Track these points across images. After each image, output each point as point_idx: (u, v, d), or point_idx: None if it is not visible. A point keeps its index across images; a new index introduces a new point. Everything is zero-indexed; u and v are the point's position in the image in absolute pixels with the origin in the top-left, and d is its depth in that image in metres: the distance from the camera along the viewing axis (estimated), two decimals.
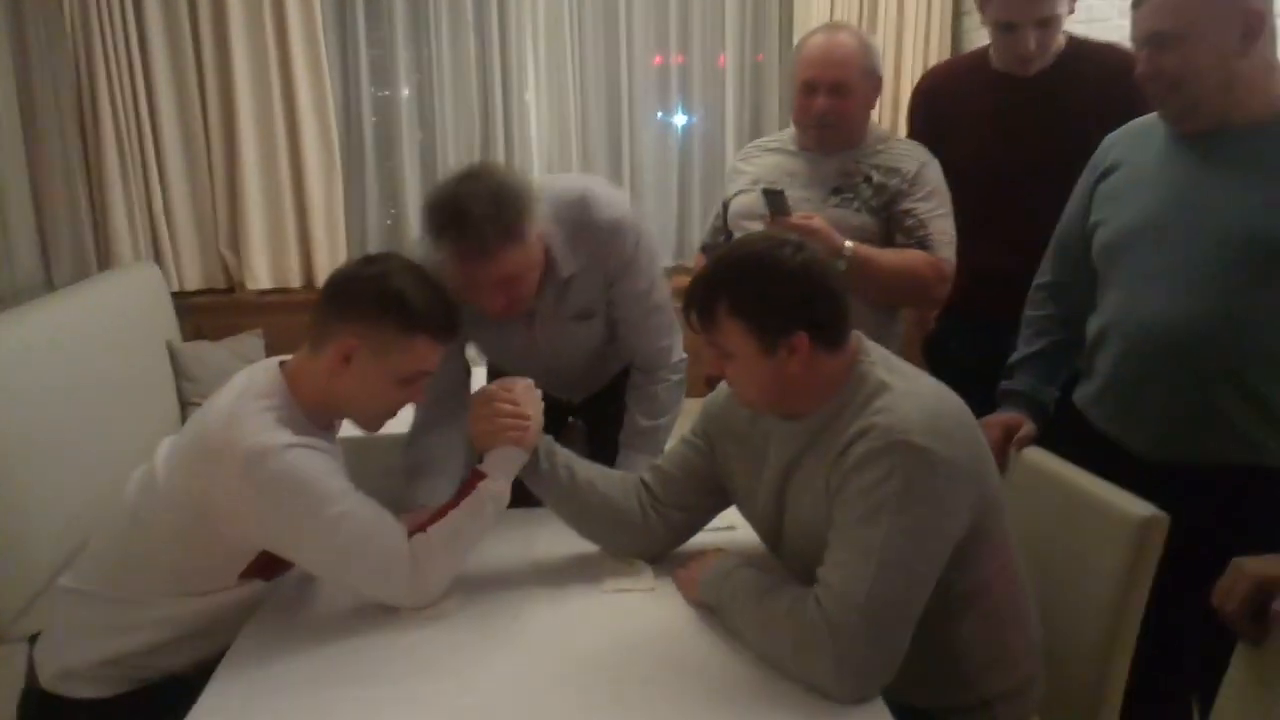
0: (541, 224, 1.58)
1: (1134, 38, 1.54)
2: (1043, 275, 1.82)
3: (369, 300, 1.36)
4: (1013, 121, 2.09)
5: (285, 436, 1.30)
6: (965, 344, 2.19)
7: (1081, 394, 1.72)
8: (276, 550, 1.36)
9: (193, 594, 1.37)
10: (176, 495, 1.33)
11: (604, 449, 1.83)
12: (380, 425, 1.46)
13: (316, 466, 1.33)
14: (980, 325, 2.14)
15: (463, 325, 1.49)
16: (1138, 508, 1.36)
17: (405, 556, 1.37)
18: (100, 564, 1.42)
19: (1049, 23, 1.99)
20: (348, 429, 1.50)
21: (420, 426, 1.77)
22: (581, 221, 1.68)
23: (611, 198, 1.74)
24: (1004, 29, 2.03)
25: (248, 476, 1.28)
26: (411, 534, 1.40)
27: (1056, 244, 1.80)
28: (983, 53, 2.22)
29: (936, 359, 2.30)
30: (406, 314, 1.36)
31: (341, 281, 1.41)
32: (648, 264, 1.78)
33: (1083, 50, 2.10)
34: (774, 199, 1.85)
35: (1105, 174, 1.68)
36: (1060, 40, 2.07)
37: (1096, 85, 2.03)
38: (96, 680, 1.38)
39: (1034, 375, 1.78)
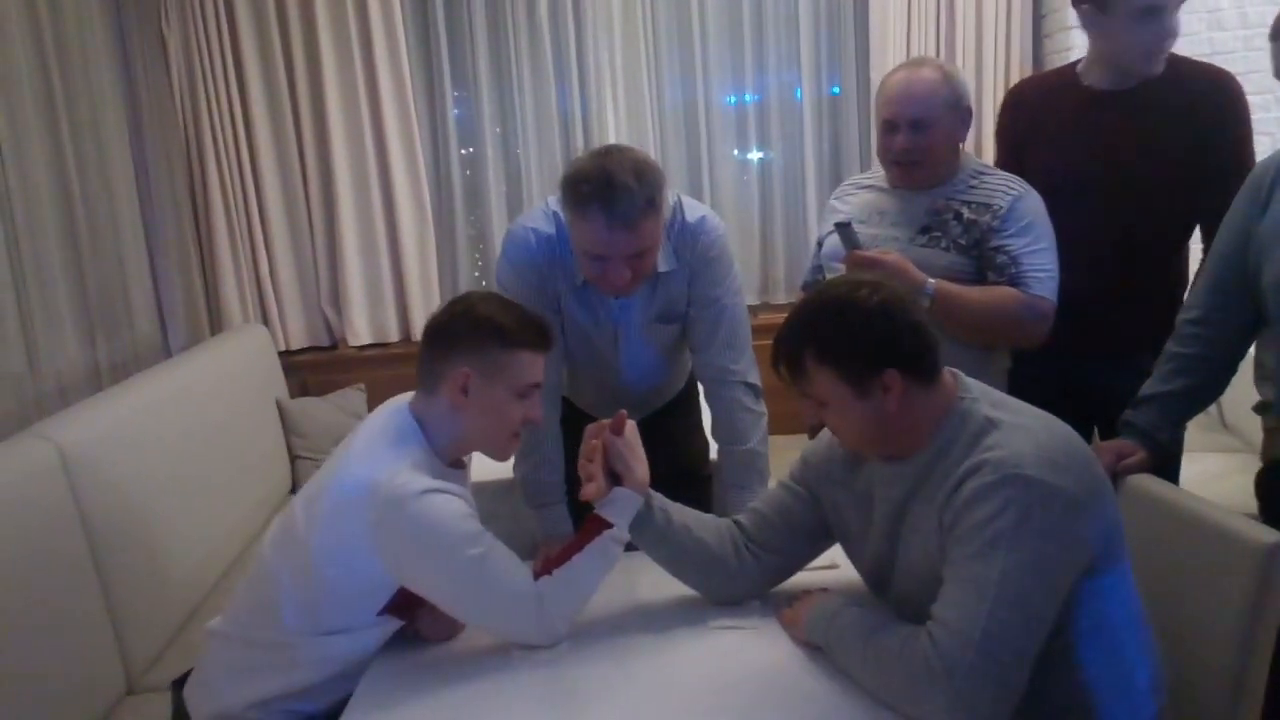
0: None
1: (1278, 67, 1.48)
2: (1191, 309, 1.72)
3: (466, 332, 1.46)
4: (1100, 139, 2.02)
5: (422, 481, 1.37)
6: (1044, 372, 2.06)
7: None
8: (413, 589, 1.42)
9: (334, 633, 1.43)
10: (317, 537, 1.40)
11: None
12: (511, 450, 1.55)
13: (452, 510, 1.39)
14: (1060, 353, 2.02)
15: (556, 334, 1.57)
16: (1262, 534, 1.31)
17: (533, 598, 1.43)
18: (246, 608, 1.51)
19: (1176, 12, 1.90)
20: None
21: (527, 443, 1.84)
22: (675, 219, 1.80)
23: (698, 205, 1.88)
24: (1145, 16, 1.91)
25: (389, 521, 1.35)
26: (537, 576, 1.45)
27: (1210, 277, 1.71)
28: (1070, 69, 2.15)
29: (1014, 386, 2.21)
30: (502, 334, 1.46)
31: (438, 325, 1.51)
32: (725, 270, 1.86)
33: (1179, 68, 2.01)
34: (844, 233, 1.84)
35: (1265, 206, 1.59)
36: None
37: (1188, 106, 1.95)
38: None
39: (1158, 414, 1.71)
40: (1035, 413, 1.30)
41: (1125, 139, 2.01)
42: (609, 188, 1.57)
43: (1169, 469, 1.99)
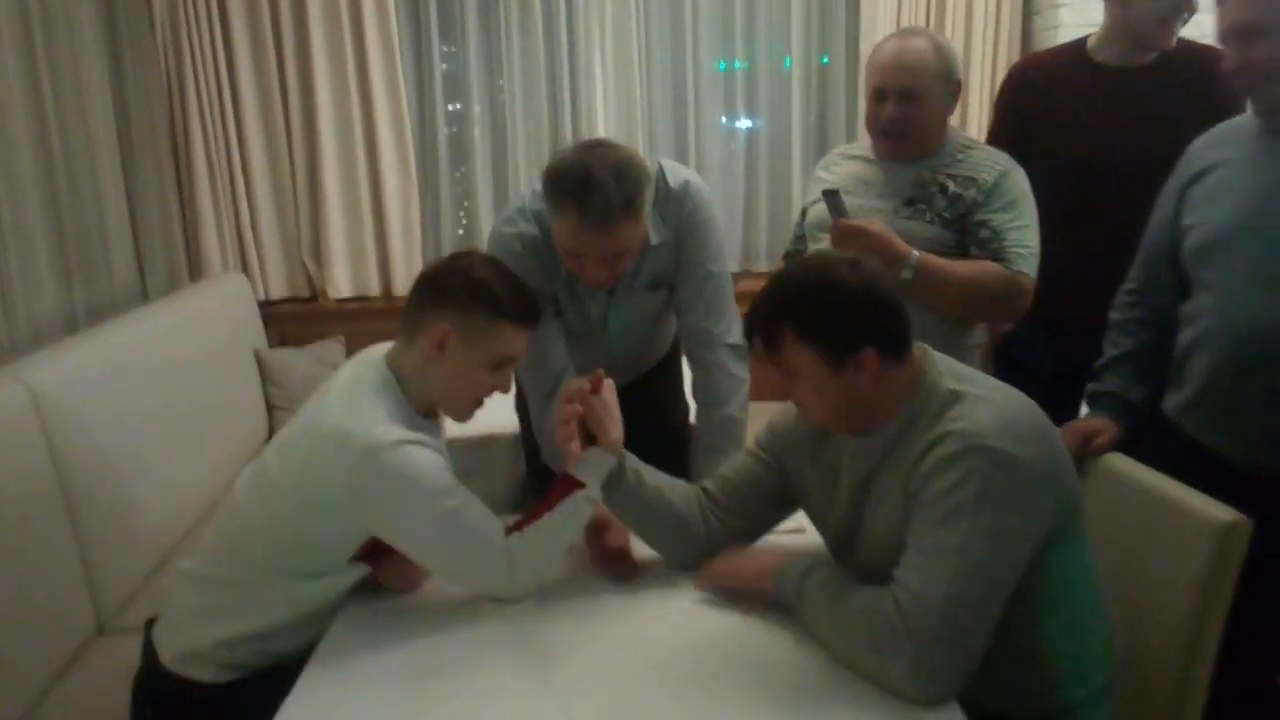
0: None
1: (1220, 31, 1.50)
2: (1130, 281, 1.78)
3: (458, 290, 1.45)
4: (1112, 117, 2.03)
5: (397, 432, 1.38)
6: (1043, 349, 2.13)
7: (1172, 403, 1.67)
8: (385, 539, 1.44)
9: (304, 576, 1.45)
10: (290, 483, 1.42)
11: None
12: (470, 414, 1.53)
13: (427, 462, 1.40)
14: (1060, 330, 2.08)
15: (543, 312, 1.54)
16: (1219, 513, 1.34)
17: (503, 553, 1.45)
18: (217, 549, 1.52)
19: None
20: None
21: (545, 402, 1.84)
22: (661, 188, 1.77)
23: (680, 168, 1.85)
24: None
25: (363, 470, 1.36)
26: (508, 532, 1.47)
27: (1144, 249, 1.75)
28: (1079, 46, 2.14)
29: (1011, 365, 2.24)
30: (492, 302, 1.45)
31: (432, 275, 1.51)
32: (711, 234, 1.85)
33: (1184, 49, 2.03)
34: (832, 200, 1.83)
35: (1195, 177, 1.62)
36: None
37: (1197, 85, 1.97)
38: (216, 663, 1.47)
39: (1122, 376, 1.74)
40: (997, 385, 1.32)
41: (1145, 119, 2.01)
42: (586, 187, 1.53)
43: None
